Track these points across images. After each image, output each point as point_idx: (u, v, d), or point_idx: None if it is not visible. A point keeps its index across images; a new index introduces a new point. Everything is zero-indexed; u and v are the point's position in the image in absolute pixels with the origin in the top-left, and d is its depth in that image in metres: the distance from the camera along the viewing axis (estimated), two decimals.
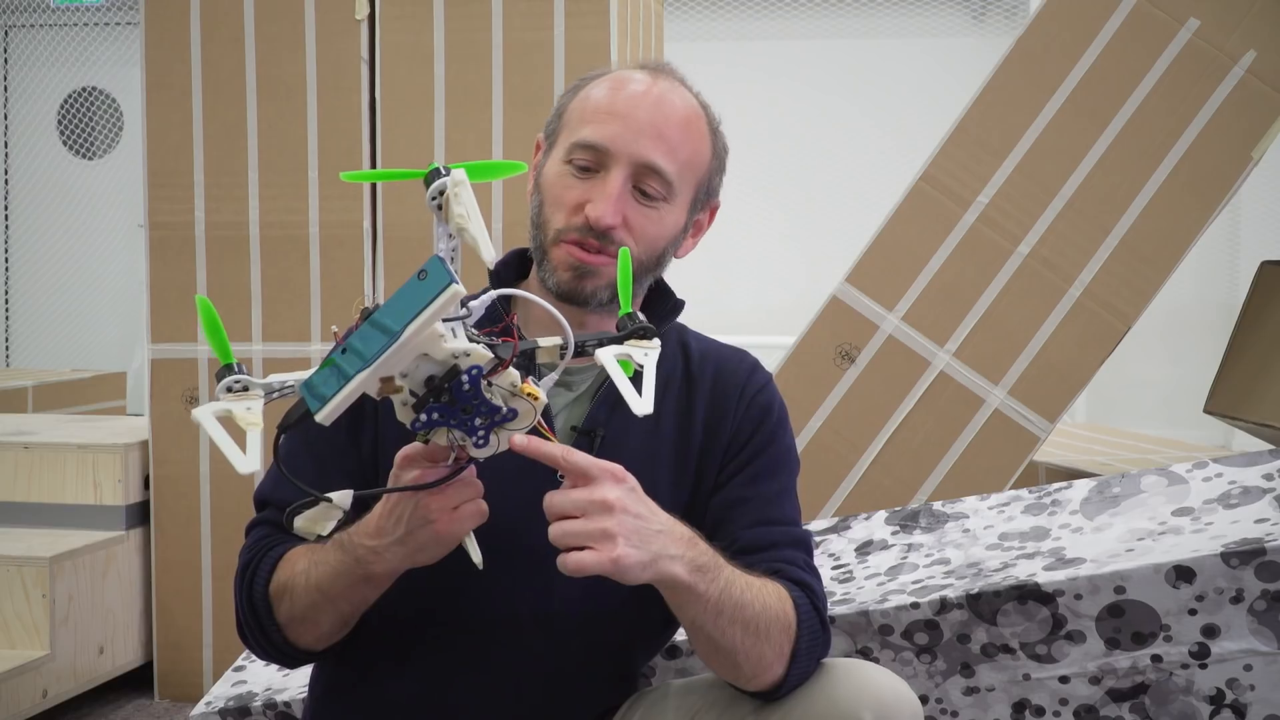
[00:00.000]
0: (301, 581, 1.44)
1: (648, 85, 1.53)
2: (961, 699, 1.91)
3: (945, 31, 6.34)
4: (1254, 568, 1.81)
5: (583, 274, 1.51)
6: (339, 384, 1.15)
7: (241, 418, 1.17)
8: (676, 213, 1.55)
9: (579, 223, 1.50)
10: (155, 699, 3.27)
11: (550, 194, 1.53)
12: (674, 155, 1.51)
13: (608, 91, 1.53)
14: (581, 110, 1.54)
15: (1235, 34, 2.85)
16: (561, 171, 1.52)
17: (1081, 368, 2.90)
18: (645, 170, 1.50)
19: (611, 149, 1.49)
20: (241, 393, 1.19)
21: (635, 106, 1.51)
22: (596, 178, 1.50)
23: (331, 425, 1.50)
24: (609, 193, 1.48)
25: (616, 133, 1.50)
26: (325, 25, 3.14)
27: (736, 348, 1.69)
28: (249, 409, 1.18)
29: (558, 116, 1.57)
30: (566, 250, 1.51)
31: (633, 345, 1.33)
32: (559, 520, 1.29)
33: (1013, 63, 2.94)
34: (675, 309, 1.63)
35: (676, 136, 1.52)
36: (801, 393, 2.89)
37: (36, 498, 3.22)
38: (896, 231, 2.95)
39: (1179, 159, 2.87)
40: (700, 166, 1.56)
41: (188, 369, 3.21)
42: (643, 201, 1.51)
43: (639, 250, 1.52)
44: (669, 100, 1.53)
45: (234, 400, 1.19)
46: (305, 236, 3.17)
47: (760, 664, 1.44)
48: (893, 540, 2.17)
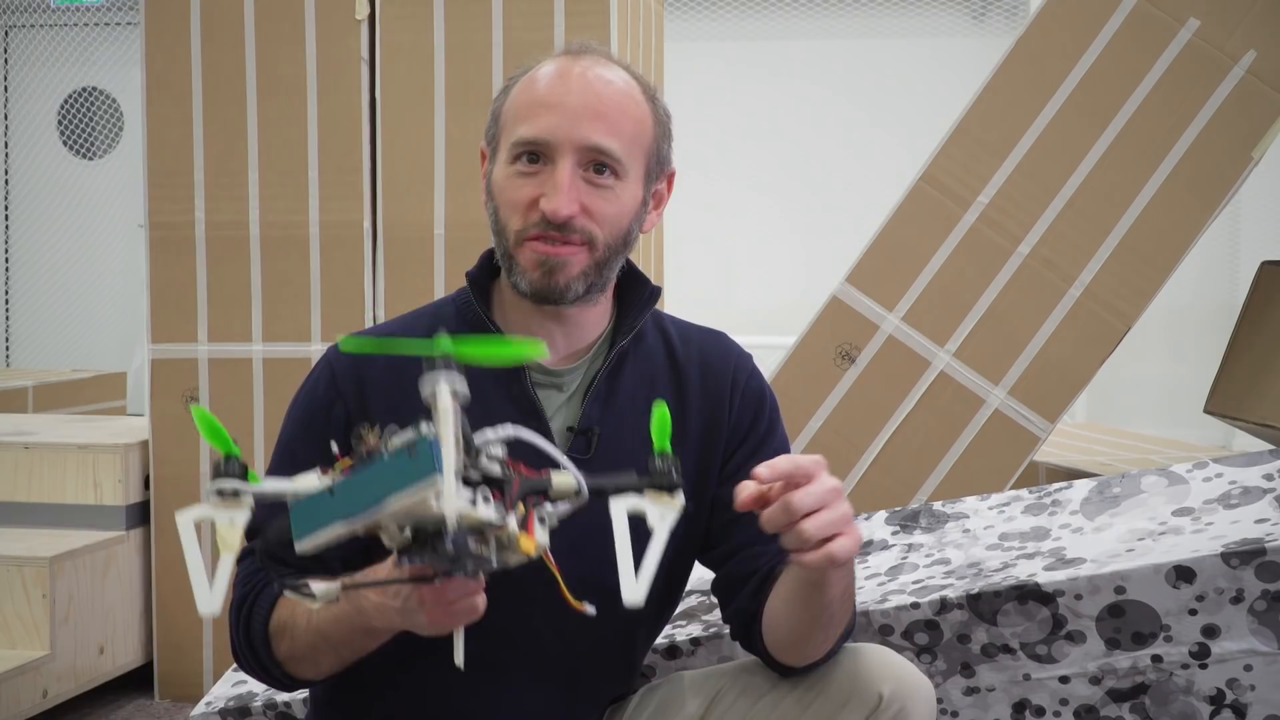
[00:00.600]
0: (303, 623, 1.44)
1: (571, 68, 1.51)
2: (962, 699, 1.91)
3: (945, 31, 6.34)
4: (1254, 568, 1.81)
5: (551, 268, 1.48)
6: (323, 524, 1.13)
7: (221, 534, 1.14)
8: (632, 188, 1.52)
9: (536, 219, 1.47)
10: (155, 699, 3.27)
11: (503, 198, 1.51)
12: (616, 131, 1.49)
13: (534, 84, 1.51)
14: (514, 109, 1.51)
15: (1235, 34, 2.85)
16: (508, 173, 1.50)
17: (1082, 368, 2.90)
18: (591, 152, 1.48)
19: (552, 140, 1.47)
20: (232, 498, 1.15)
21: (566, 92, 1.48)
22: (544, 171, 1.48)
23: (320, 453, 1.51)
24: (559, 183, 1.46)
25: (554, 123, 1.47)
26: (325, 25, 3.14)
27: (712, 330, 1.68)
28: (231, 523, 1.14)
29: (495, 121, 1.55)
30: (530, 248, 1.48)
31: (653, 497, 1.24)
32: (806, 518, 1.28)
33: (1013, 63, 2.94)
34: (652, 298, 1.60)
35: (614, 112, 1.49)
36: (801, 392, 2.89)
37: (37, 498, 3.22)
38: (897, 231, 2.95)
39: (1179, 159, 2.87)
40: (645, 136, 1.53)
41: (188, 369, 3.21)
42: (596, 183, 1.48)
43: (603, 233, 1.49)
44: (597, 77, 1.50)
45: (220, 508, 1.15)
46: (305, 236, 3.17)
47: (832, 640, 1.48)
48: (893, 540, 2.17)
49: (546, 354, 1.29)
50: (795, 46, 6.33)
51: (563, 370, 1.56)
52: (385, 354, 1.54)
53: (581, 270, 1.49)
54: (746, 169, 6.15)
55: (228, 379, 3.20)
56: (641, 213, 1.55)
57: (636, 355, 1.59)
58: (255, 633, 1.48)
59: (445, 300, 1.62)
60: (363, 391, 1.52)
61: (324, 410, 1.53)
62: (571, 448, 1.53)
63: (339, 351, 1.56)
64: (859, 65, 6.25)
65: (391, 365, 1.53)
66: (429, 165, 3.12)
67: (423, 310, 1.64)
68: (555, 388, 1.56)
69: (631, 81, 1.54)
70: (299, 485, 1.17)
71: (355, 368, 1.54)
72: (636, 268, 1.62)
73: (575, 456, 1.52)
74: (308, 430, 1.53)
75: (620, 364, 1.57)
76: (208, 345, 3.21)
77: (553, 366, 1.55)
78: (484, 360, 1.22)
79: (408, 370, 1.54)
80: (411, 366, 1.54)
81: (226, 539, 1.13)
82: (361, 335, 1.60)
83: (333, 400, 1.53)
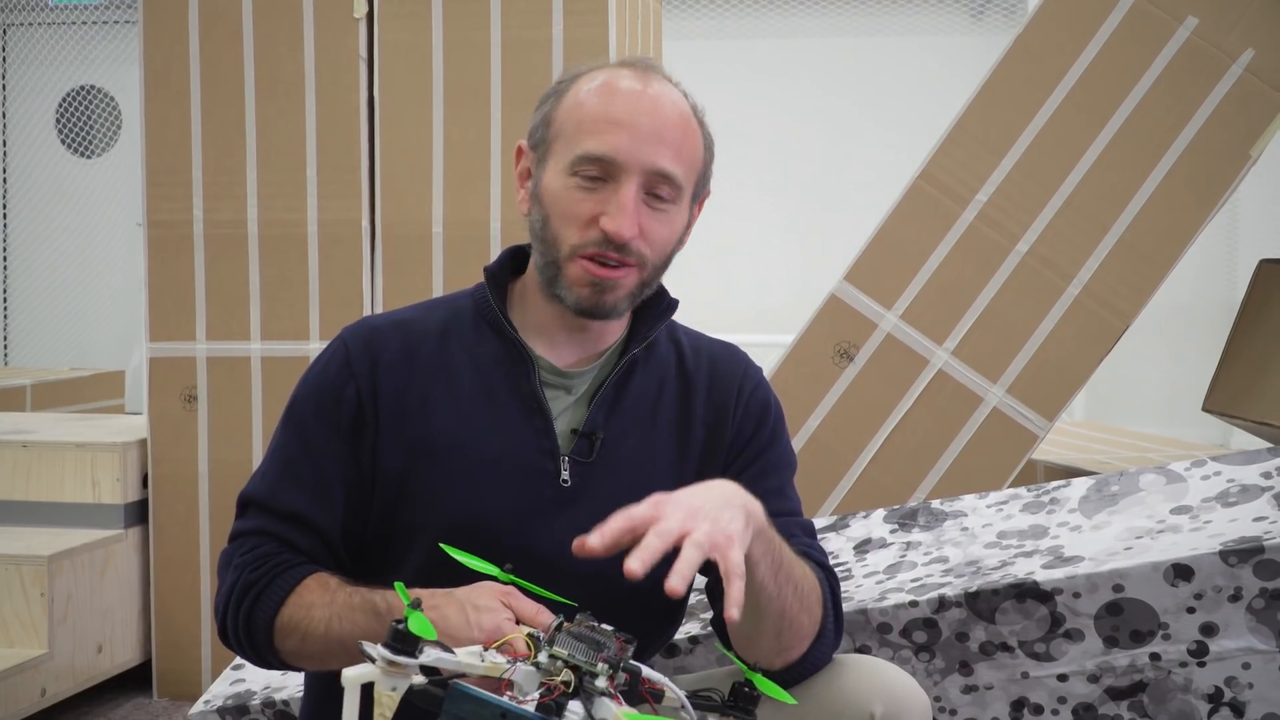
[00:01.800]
0: (320, 630, 1.43)
1: (642, 87, 1.50)
2: (960, 697, 1.91)
3: (944, 30, 6.34)
4: (1252, 566, 1.81)
5: (603, 289, 1.49)
6: None
7: (381, 700, 1.15)
8: (683, 212, 1.54)
9: (595, 237, 1.47)
10: (154, 698, 3.27)
11: (558, 208, 1.49)
12: (679, 158, 1.50)
13: (603, 98, 1.50)
14: (577, 119, 1.50)
15: (1234, 32, 2.85)
16: (567, 184, 1.49)
17: (1080, 366, 2.90)
18: (656, 177, 1.48)
19: (620, 159, 1.46)
20: (400, 668, 1.16)
21: (636, 113, 1.48)
22: (606, 189, 1.47)
23: (332, 433, 1.52)
24: (624, 205, 1.46)
25: (623, 142, 1.46)
26: (324, 23, 3.14)
27: (725, 342, 1.69)
28: (393, 691, 1.15)
29: (545, 125, 1.53)
30: (583, 267, 1.48)
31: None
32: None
33: (1011, 61, 2.94)
34: (669, 309, 1.62)
35: (678, 138, 1.50)
36: (800, 391, 2.89)
37: (35, 496, 3.22)
38: (895, 230, 2.95)
39: (1178, 157, 2.87)
40: (698, 162, 1.55)
41: (186, 367, 3.21)
42: (655, 206, 1.49)
43: (653, 255, 1.51)
44: (666, 101, 1.50)
45: (386, 674, 1.16)
46: (304, 235, 3.17)
47: (798, 635, 1.46)
48: (891, 539, 2.17)
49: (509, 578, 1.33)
50: (793, 45, 6.33)
51: (573, 373, 1.56)
52: (401, 339, 1.55)
53: (629, 291, 1.51)
54: (745, 167, 6.14)
55: (226, 378, 3.20)
56: (685, 235, 1.58)
57: (647, 364, 1.60)
58: (258, 623, 1.47)
59: (463, 294, 1.63)
60: (375, 374, 1.53)
61: (336, 390, 1.53)
62: (574, 449, 1.53)
63: (354, 332, 1.57)
64: (857, 63, 6.25)
65: (404, 351, 1.55)
66: (427, 164, 3.12)
67: (440, 301, 1.65)
68: (564, 389, 1.57)
69: (690, 107, 1.55)
70: (463, 663, 1.18)
71: (369, 350, 1.54)
72: None
73: (577, 459, 1.53)
74: (319, 408, 1.54)
75: (630, 371, 1.58)
76: (206, 344, 3.21)
77: (565, 368, 1.56)
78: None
79: (418, 357, 1.54)
80: (421, 354, 1.55)
81: (385, 707, 1.15)
82: (376, 319, 1.60)
83: (346, 380, 1.53)
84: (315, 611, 1.44)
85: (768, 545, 1.37)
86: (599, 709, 1.15)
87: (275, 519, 1.52)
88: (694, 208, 1.59)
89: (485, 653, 1.20)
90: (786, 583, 1.41)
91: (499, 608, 1.33)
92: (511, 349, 1.55)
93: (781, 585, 1.41)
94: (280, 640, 1.47)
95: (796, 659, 1.48)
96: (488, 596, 1.35)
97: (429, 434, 1.51)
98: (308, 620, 1.44)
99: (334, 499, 1.52)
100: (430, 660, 1.16)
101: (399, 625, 1.15)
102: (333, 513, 1.52)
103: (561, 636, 1.19)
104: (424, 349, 1.56)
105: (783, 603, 1.42)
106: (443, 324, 1.58)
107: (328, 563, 1.52)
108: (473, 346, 1.56)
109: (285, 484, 1.53)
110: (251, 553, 1.51)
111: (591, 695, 1.16)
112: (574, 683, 1.16)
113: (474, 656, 1.19)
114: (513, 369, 1.54)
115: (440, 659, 1.17)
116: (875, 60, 6.24)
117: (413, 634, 1.15)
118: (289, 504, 1.52)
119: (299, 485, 1.52)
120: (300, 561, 1.50)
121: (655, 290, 1.61)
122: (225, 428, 3.21)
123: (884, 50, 6.28)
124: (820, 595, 1.49)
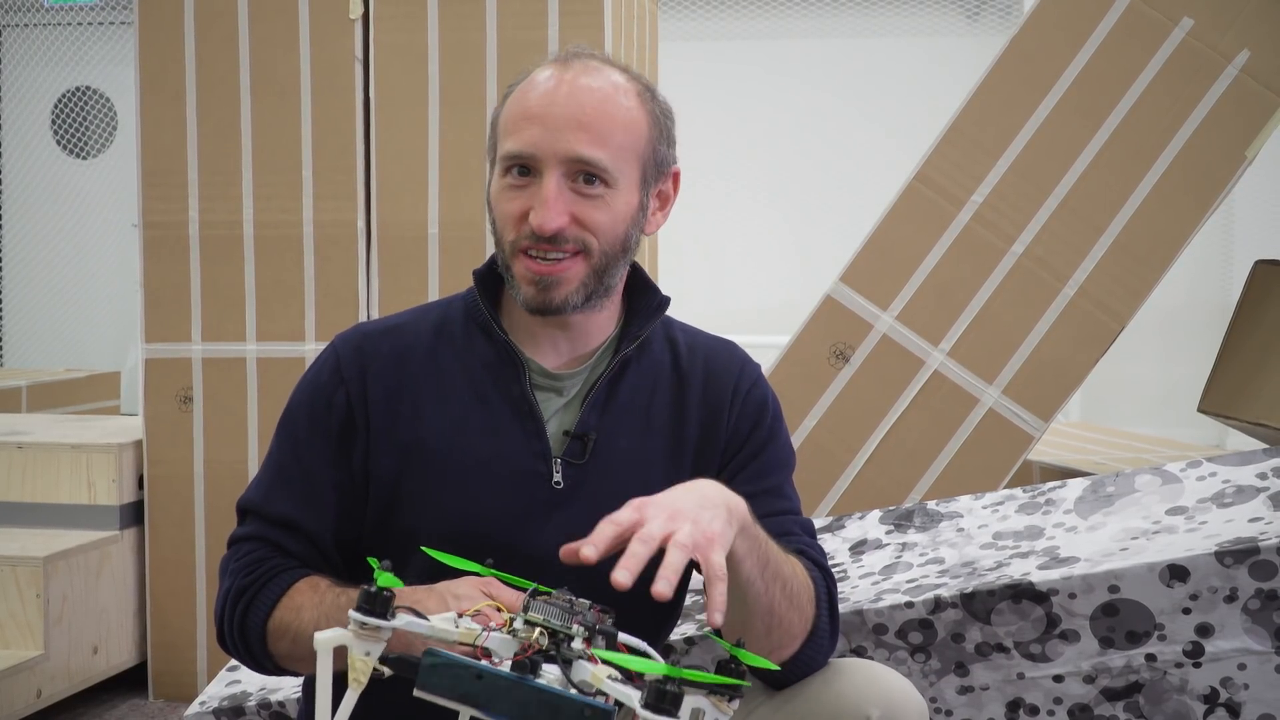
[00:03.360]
0: (310, 631, 1.42)
1: (558, 78, 1.51)
2: (956, 698, 1.91)
3: (939, 31, 6.34)
4: (1248, 567, 1.81)
5: (546, 285, 1.50)
6: (455, 697, 1.13)
7: (354, 664, 1.15)
8: (625, 195, 1.52)
9: (527, 231, 1.49)
10: (150, 699, 3.27)
11: (497, 210, 1.52)
12: (602, 141, 1.49)
13: (521, 95, 1.52)
14: (504, 120, 1.53)
15: (1229, 33, 2.85)
16: (501, 185, 1.52)
17: (1075, 367, 2.90)
18: (577, 164, 1.48)
19: (536, 153, 1.48)
20: (372, 630, 1.15)
21: (550, 104, 1.49)
22: (533, 184, 1.49)
23: (322, 439, 1.52)
24: (545, 197, 1.47)
25: (537, 135, 1.48)
26: (319, 25, 3.14)
27: (722, 339, 1.68)
28: (367, 655, 1.15)
29: (492, 130, 1.57)
30: (524, 264, 1.50)
31: (714, 702, 1.23)
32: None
33: (1007, 62, 2.94)
34: (661, 307, 1.62)
35: (599, 122, 1.49)
36: (796, 392, 2.89)
37: (30, 497, 3.21)
38: (891, 231, 2.95)
39: (1173, 158, 2.87)
40: (637, 140, 1.53)
41: (181, 368, 3.21)
42: (586, 193, 1.49)
43: (599, 241, 1.50)
44: (584, 86, 1.50)
45: (359, 638, 1.15)
46: (299, 236, 3.16)
47: (789, 634, 1.46)
48: (887, 539, 2.17)
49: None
50: (789, 46, 6.33)
51: (564, 374, 1.56)
52: (391, 345, 1.55)
53: (580, 281, 1.50)
54: (741, 168, 6.15)
55: (221, 379, 3.19)
56: (640, 217, 1.55)
57: (640, 362, 1.59)
58: (251, 626, 1.48)
59: (455, 298, 1.64)
60: (365, 379, 1.54)
61: (327, 396, 1.55)
62: (566, 451, 1.53)
63: (345, 339, 1.58)
64: (853, 64, 6.25)
65: (394, 356, 1.55)
66: (423, 165, 3.11)
67: (432, 305, 1.65)
68: (555, 391, 1.57)
69: (624, 85, 1.54)
70: (436, 628, 1.18)
71: (360, 356, 1.56)
72: (647, 276, 1.63)
73: (570, 460, 1.53)
74: (311, 414, 1.55)
75: (623, 371, 1.57)
76: (201, 345, 3.20)
77: (555, 370, 1.56)
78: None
79: (409, 361, 1.55)
80: (413, 359, 1.55)
81: (359, 671, 1.15)
82: (368, 326, 1.61)
83: (336, 386, 1.54)
84: (305, 613, 1.45)
85: (752, 542, 1.37)
86: (576, 671, 1.15)
87: (269, 525, 1.53)
88: (657, 186, 1.58)
89: (459, 620, 1.19)
90: (774, 580, 1.41)
91: (479, 596, 1.34)
92: (502, 352, 1.55)
93: (769, 582, 1.41)
94: (273, 643, 1.48)
95: (789, 658, 1.47)
96: (467, 586, 1.37)
97: (420, 438, 1.52)
98: (299, 622, 1.45)
99: (326, 504, 1.52)
100: (403, 624, 1.16)
101: (369, 588, 1.15)
102: (325, 518, 1.52)
103: (535, 604, 1.19)
104: (415, 353, 1.56)
105: (770, 600, 1.41)
106: (434, 328, 1.59)
107: (321, 567, 1.53)
108: (463, 350, 1.56)
109: (278, 490, 1.54)
110: (245, 558, 1.52)
111: (570, 660, 1.15)
112: (548, 646, 1.15)
113: (448, 623, 1.18)
114: (503, 372, 1.54)
115: (413, 623, 1.17)
116: (871, 61, 6.24)
117: (384, 594, 1.15)
118: (282, 510, 1.52)
119: (291, 491, 1.53)
120: (292, 565, 1.51)
121: (634, 282, 1.60)
122: (221, 429, 3.21)
123: (880, 51, 6.28)
124: (813, 594, 1.48)
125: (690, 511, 1.29)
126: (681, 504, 1.30)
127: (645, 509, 1.28)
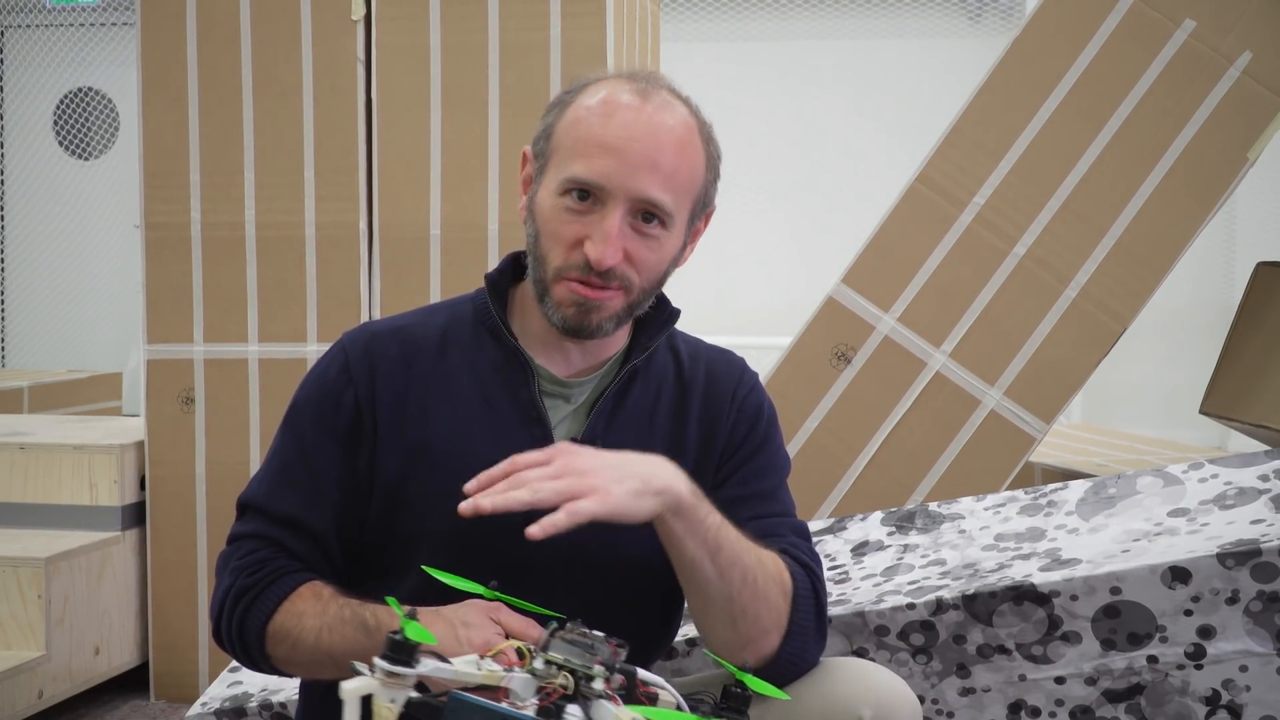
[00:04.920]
0: (310, 639, 1.44)
1: (639, 109, 1.47)
2: (957, 700, 1.91)
3: (941, 32, 6.34)
4: (1249, 568, 1.81)
5: (587, 310, 1.48)
6: None
7: (380, 712, 1.15)
8: (676, 236, 1.52)
9: (579, 260, 1.46)
10: (151, 700, 3.27)
11: (546, 228, 1.49)
12: (670, 184, 1.47)
13: (599, 118, 1.47)
14: (573, 138, 1.48)
15: (1231, 35, 2.85)
16: (556, 205, 1.48)
17: (1077, 369, 2.90)
18: (643, 204, 1.46)
19: (608, 186, 1.45)
20: (397, 678, 1.15)
21: (628, 138, 1.45)
22: (594, 213, 1.46)
23: (329, 438, 1.52)
24: (608, 233, 1.45)
25: (611, 169, 1.45)
26: (321, 26, 3.14)
27: (723, 349, 1.69)
28: (392, 704, 1.15)
29: (546, 137, 1.52)
30: (568, 288, 1.48)
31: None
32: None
33: (1009, 64, 2.94)
34: (670, 319, 1.62)
35: (671, 163, 1.47)
36: (797, 393, 2.89)
37: (32, 498, 3.21)
38: (892, 232, 2.95)
39: (1175, 160, 2.87)
40: (696, 184, 1.52)
41: (183, 369, 3.21)
42: (643, 231, 1.48)
43: (641, 279, 1.50)
44: (662, 124, 1.47)
45: (385, 685, 1.15)
46: (301, 237, 3.16)
47: (757, 626, 1.45)
48: (889, 541, 2.17)
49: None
50: (791, 47, 6.33)
51: (573, 382, 1.57)
52: (400, 345, 1.55)
53: (615, 312, 1.50)
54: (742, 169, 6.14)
55: (223, 380, 3.19)
56: (678, 254, 1.56)
57: (646, 373, 1.60)
58: (251, 628, 1.48)
59: (464, 300, 1.63)
60: (374, 380, 1.54)
61: (335, 395, 1.54)
62: None
63: (353, 338, 1.58)
64: (855, 66, 6.25)
65: (402, 357, 1.55)
66: (425, 166, 3.11)
67: (440, 306, 1.65)
68: (563, 398, 1.57)
69: (692, 124, 1.52)
70: (460, 672, 1.18)
71: (369, 356, 1.55)
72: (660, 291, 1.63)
73: None
74: (317, 413, 1.54)
75: (630, 381, 1.58)
76: (203, 346, 3.21)
77: (565, 378, 1.56)
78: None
79: (416, 363, 1.55)
80: (420, 361, 1.55)
81: (384, 719, 1.15)
82: (375, 325, 1.61)
83: (344, 386, 1.54)
84: (307, 621, 1.45)
85: (695, 525, 1.39)
86: (597, 711, 1.15)
87: (271, 523, 1.52)
88: (696, 224, 1.58)
89: (481, 661, 1.19)
90: (731, 568, 1.42)
91: (488, 624, 1.34)
92: (511, 357, 1.55)
93: (724, 569, 1.41)
94: (272, 646, 1.48)
95: (767, 654, 1.47)
96: (476, 613, 1.36)
97: (427, 440, 1.52)
98: (299, 629, 1.45)
99: (330, 504, 1.52)
100: (428, 670, 1.16)
101: (396, 636, 1.15)
102: (328, 518, 1.52)
103: (555, 642, 1.19)
104: (423, 355, 1.56)
105: (729, 588, 1.42)
106: (442, 330, 1.58)
107: (323, 568, 1.52)
108: (472, 354, 1.56)
109: (282, 488, 1.53)
110: (248, 557, 1.52)
111: (589, 698, 1.16)
112: (571, 686, 1.16)
113: (471, 665, 1.19)
114: (512, 377, 1.54)
115: (438, 669, 1.17)
116: (873, 63, 6.24)
117: (410, 643, 1.15)
118: (285, 509, 1.52)
119: (295, 490, 1.52)
120: (295, 568, 1.50)
121: (654, 302, 1.60)
122: (223, 430, 3.21)
123: (882, 53, 6.28)
124: (790, 589, 1.47)
125: (599, 471, 1.33)
126: (596, 463, 1.34)
127: (559, 457, 1.34)
